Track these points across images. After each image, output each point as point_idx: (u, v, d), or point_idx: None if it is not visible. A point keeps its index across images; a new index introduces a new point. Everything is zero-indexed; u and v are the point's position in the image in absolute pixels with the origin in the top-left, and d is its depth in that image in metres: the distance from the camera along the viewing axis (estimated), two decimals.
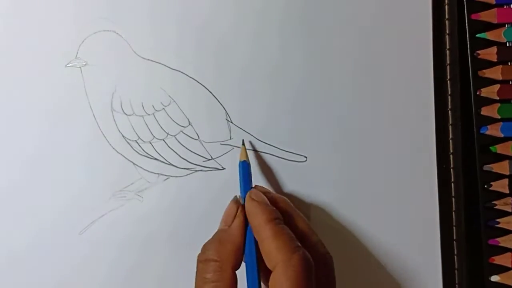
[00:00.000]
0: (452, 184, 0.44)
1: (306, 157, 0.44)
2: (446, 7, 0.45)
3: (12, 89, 0.44)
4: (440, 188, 0.44)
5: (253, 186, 0.42)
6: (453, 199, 0.44)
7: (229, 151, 0.44)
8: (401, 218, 0.44)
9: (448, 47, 0.44)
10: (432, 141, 0.44)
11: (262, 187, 0.43)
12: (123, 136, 0.44)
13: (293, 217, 0.40)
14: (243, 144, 0.43)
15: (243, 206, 0.39)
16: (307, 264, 0.35)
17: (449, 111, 0.44)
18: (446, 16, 0.45)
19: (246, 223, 0.39)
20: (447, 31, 0.45)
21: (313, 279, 0.36)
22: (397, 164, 0.44)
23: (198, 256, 0.38)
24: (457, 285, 0.44)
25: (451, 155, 0.44)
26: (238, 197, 0.41)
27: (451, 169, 0.44)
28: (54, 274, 0.43)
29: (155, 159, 0.44)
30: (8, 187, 0.44)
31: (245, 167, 0.41)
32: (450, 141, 0.44)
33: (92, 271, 0.44)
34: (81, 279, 0.44)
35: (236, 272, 0.37)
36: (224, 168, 0.44)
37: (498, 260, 0.44)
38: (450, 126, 0.44)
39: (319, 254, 0.38)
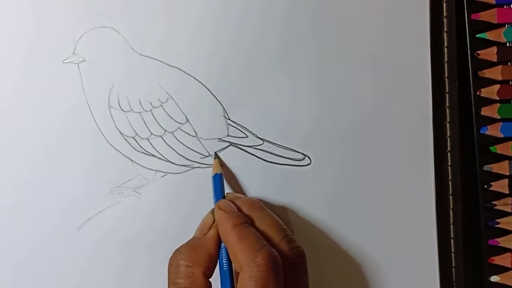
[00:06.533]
0: (450, 182, 0.44)
1: (304, 155, 0.44)
2: (444, 4, 0.45)
3: (9, 85, 0.44)
4: (437, 186, 0.44)
5: (225, 194, 0.42)
6: (450, 197, 0.44)
7: (226, 147, 0.44)
8: (398, 216, 0.44)
9: (446, 44, 0.44)
10: (430, 139, 0.44)
11: (233, 193, 0.43)
12: (120, 132, 0.44)
13: (254, 217, 0.39)
14: (216, 157, 0.43)
15: None
16: (272, 262, 0.34)
17: (447, 109, 0.44)
18: (444, 14, 0.44)
19: None
20: (445, 29, 0.44)
21: (280, 277, 0.35)
22: (394, 162, 0.44)
23: (170, 260, 0.38)
24: (454, 283, 0.43)
25: (448, 153, 0.44)
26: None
27: (449, 167, 0.44)
28: (53, 270, 0.43)
29: (153, 155, 0.44)
30: (4, 184, 0.44)
31: (218, 179, 0.42)
32: (448, 139, 0.44)
33: (89, 267, 0.44)
34: (78, 275, 0.44)
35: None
36: (221, 165, 0.44)
37: (498, 260, 0.44)
38: (447, 124, 0.44)
39: (285, 251, 0.37)
